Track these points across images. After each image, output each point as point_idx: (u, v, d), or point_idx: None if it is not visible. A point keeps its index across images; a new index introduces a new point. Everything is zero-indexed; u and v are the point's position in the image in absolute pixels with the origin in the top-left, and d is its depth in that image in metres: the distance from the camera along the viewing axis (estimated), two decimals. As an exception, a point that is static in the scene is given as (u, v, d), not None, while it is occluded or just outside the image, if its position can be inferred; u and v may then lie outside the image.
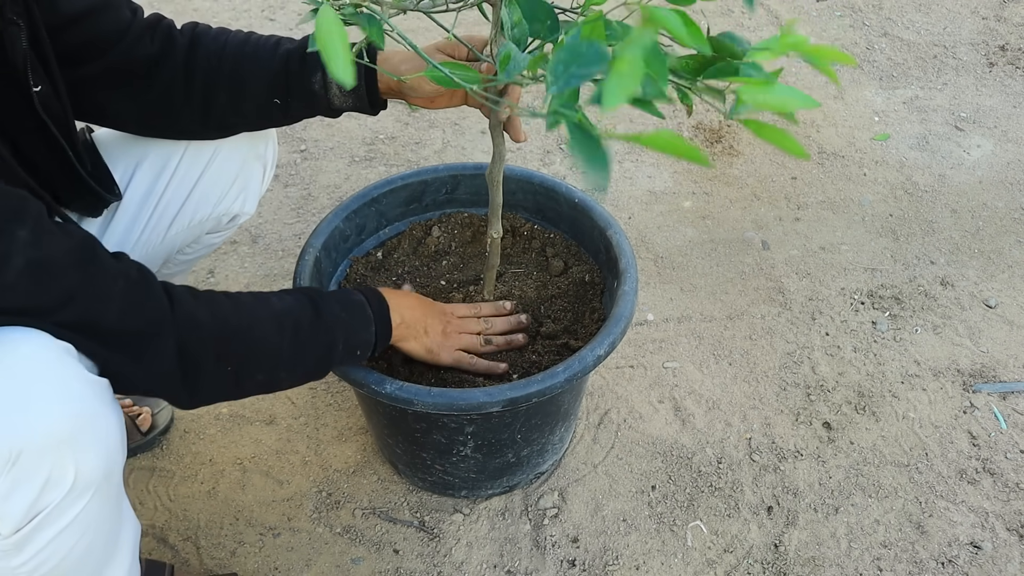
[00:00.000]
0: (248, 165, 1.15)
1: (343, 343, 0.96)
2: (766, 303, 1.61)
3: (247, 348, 0.89)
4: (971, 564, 1.22)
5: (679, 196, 1.85)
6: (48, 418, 0.74)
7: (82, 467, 0.78)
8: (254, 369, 0.90)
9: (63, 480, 0.77)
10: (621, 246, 1.17)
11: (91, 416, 0.78)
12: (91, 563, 0.87)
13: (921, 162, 1.95)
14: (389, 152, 1.96)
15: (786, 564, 1.22)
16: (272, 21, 2.40)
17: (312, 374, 0.97)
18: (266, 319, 0.91)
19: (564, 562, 1.22)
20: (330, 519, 1.27)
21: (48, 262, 0.73)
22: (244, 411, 1.41)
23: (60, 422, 0.75)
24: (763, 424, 1.40)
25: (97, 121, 1.04)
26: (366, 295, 1.01)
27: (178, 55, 0.99)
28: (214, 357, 0.86)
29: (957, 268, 1.69)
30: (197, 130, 1.07)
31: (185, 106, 1.01)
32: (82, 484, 0.78)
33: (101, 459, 0.80)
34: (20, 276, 0.71)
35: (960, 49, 2.31)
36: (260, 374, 0.91)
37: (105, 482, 0.82)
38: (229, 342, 0.87)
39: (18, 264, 0.71)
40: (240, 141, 1.13)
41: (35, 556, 0.79)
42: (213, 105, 1.02)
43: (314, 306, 0.94)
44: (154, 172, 1.10)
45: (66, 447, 0.76)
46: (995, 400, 1.45)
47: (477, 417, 1.08)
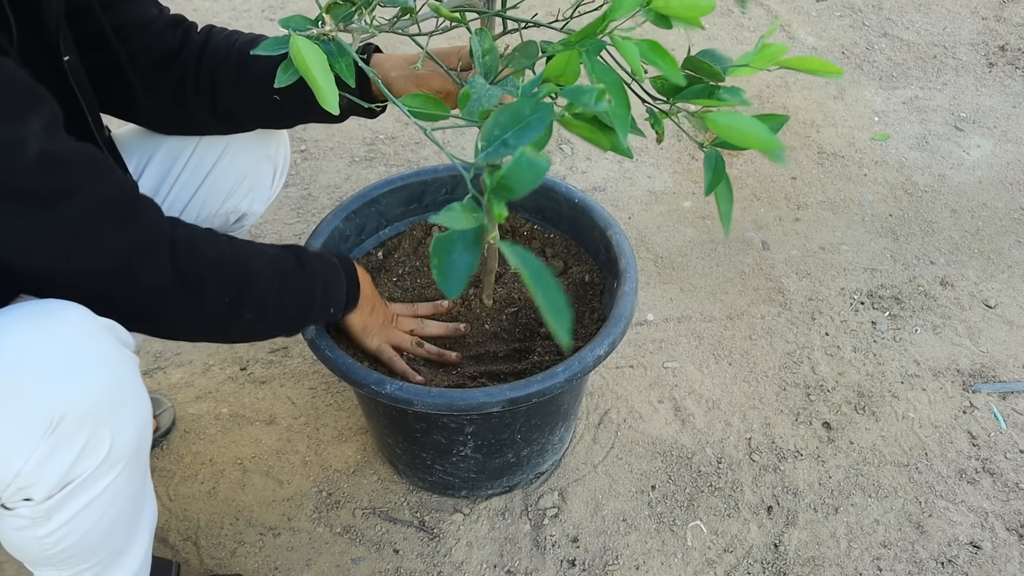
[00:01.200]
0: (258, 164, 1.17)
1: (320, 296, 0.99)
2: (766, 303, 1.61)
3: (241, 280, 0.90)
4: (971, 564, 1.23)
5: (679, 196, 1.85)
6: (91, 386, 0.77)
7: (117, 437, 0.80)
8: (246, 303, 0.91)
9: (99, 448, 0.79)
10: (621, 246, 1.17)
11: (129, 389, 0.82)
12: (113, 542, 0.89)
13: (921, 162, 1.95)
14: (389, 152, 1.96)
15: (786, 564, 1.22)
16: (272, 21, 2.41)
17: (291, 323, 1.00)
18: (259, 258, 0.93)
19: (564, 562, 1.22)
20: (330, 519, 1.27)
21: (59, 156, 0.74)
22: (244, 411, 1.41)
23: (102, 391, 0.78)
24: (763, 424, 1.40)
25: (117, 111, 1.06)
26: (339, 259, 1.04)
27: (193, 48, 1.03)
28: (211, 279, 0.87)
29: (957, 268, 1.69)
30: (208, 123, 1.10)
31: (196, 97, 1.04)
32: (115, 455, 0.81)
33: (135, 431, 0.83)
34: (34, 163, 0.72)
35: (960, 49, 2.31)
36: (249, 312, 0.91)
37: (135, 457, 0.85)
38: (226, 270, 0.88)
39: (32, 150, 0.72)
40: (251, 140, 1.15)
41: (62, 527, 0.82)
42: (220, 97, 1.05)
43: (296, 258, 0.97)
44: (167, 163, 1.13)
45: (105, 416, 0.78)
46: (995, 400, 1.45)
47: (477, 417, 1.08)
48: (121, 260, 0.80)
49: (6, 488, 0.77)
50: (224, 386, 1.45)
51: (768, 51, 0.70)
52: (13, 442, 0.74)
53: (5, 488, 0.77)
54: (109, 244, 0.79)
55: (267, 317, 0.94)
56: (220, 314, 0.89)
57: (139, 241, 0.81)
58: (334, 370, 1.03)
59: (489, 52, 0.73)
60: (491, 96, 0.67)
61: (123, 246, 0.79)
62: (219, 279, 0.87)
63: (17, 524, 0.81)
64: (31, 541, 0.83)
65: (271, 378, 1.46)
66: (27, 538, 0.83)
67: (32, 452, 0.75)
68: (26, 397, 0.74)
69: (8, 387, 0.74)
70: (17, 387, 0.74)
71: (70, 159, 0.76)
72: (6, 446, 0.74)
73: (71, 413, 0.76)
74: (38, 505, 0.79)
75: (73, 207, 0.75)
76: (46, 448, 0.75)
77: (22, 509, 0.80)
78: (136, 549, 0.94)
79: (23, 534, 0.82)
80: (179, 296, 0.84)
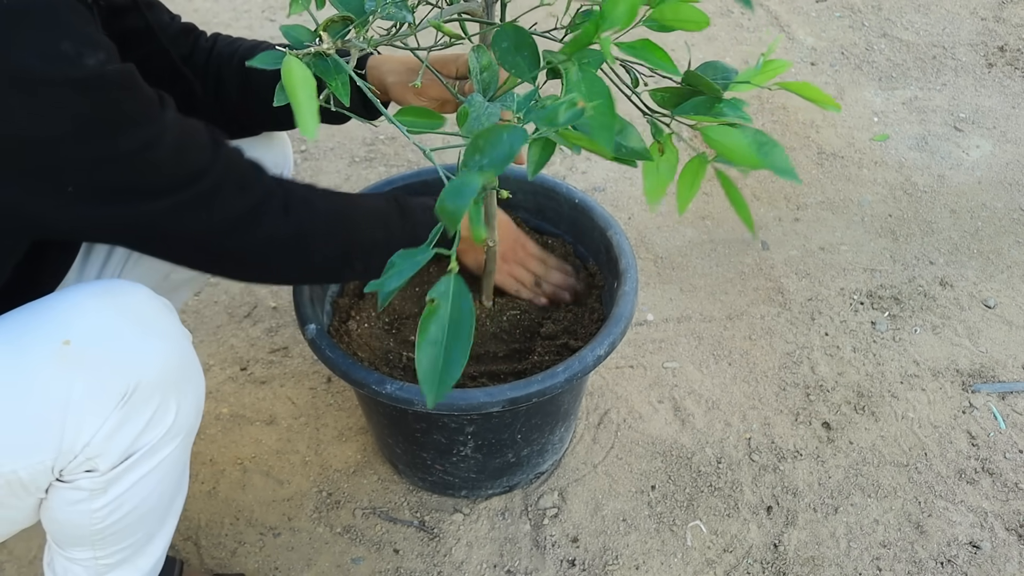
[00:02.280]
0: None
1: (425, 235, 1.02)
2: (766, 303, 1.61)
3: (350, 234, 0.96)
4: (970, 564, 1.23)
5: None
6: (162, 356, 0.81)
7: (182, 409, 0.84)
8: (355, 255, 0.96)
9: (165, 419, 0.82)
10: (621, 246, 1.17)
11: (192, 363, 0.86)
12: (151, 521, 0.92)
13: (920, 162, 1.95)
14: (389, 152, 1.96)
15: (785, 564, 1.22)
16: (272, 22, 2.41)
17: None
18: (364, 212, 0.98)
19: (564, 562, 1.22)
20: (330, 519, 1.27)
21: (188, 139, 0.80)
22: (244, 411, 1.41)
23: (171, 362, 0.82)
24: (762, 424, 1.40)
25: None
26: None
27: (201, 54, 1.06)
28: (321, 234, 0.92)
29: (956, 268, 1.69)
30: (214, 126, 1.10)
31: (202, 101, 1.06)
32: (177, 427, 0.84)
33: (196, 405, 0.87)
34: (172, 151, 0.77)
35: (959, 50, 2.31)
36: (359, 262, 0.97)
37: (190, 432, 0.88)
38: (335, 224, 0.94)
39: (169, 140, 0.77)
40: (256, 146, 1.16)
41: (117, 498, 0.84)
42: (225, 99, 1.06)
43: (399, 207, 1.01)
44: None
45: (173, 387, 0.82)
46: (994, 400, 1.45)
47: (477, 417, 1.08)
48: (239, 222, 0.84)
49: (72, 459, 0.78)
50: (224, 386, 1.45)
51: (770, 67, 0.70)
52: (88, 412, 0.76)
53: (72, 459, 0.78)
54: (232, 209, 0.83)
55: (374, 265, 0.97)
56: (330, 266, 0.97)
57: (255, 202, 0.85)
58: (334, 370, 1.03)
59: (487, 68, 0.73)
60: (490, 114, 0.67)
61: (242, 208, 0.84)
62: (329, 234, 0.93)
63: (73, 497, 0.82)
64: (83, 515, 0.84)
65: (271, 378, 1.46)
66: (80, 511, 0.83)
67: (105, 421, 0.77)
68: (103, 367, 0.77)
69: (84, 358, 0.76)
70: (93, 358, 0.77)
71: (194, 143, 0.80)
72: (81, 416, 0.76)
73: (144, 382, 0.78)
74: (101, 476, 0.80)
75: (202, 186, 0.80)
76: (118, 417, 0.78)
77: (82, 481, 0.81)
78: (164, 534, 0.96)
79: (77, 507, 0.83)
80: (293, 249, 0.90)
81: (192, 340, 0.87)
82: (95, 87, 0.71)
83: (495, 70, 0.73)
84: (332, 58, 0.69)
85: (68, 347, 0.76)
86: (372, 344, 1.16)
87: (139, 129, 0.74)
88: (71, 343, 0.76)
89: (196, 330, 1.53)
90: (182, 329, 0.86)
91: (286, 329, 1.54)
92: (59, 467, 0.79)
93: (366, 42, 0.70)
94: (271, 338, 1.53)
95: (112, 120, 0.73)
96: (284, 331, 1.54)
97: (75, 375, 0.76)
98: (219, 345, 1.51)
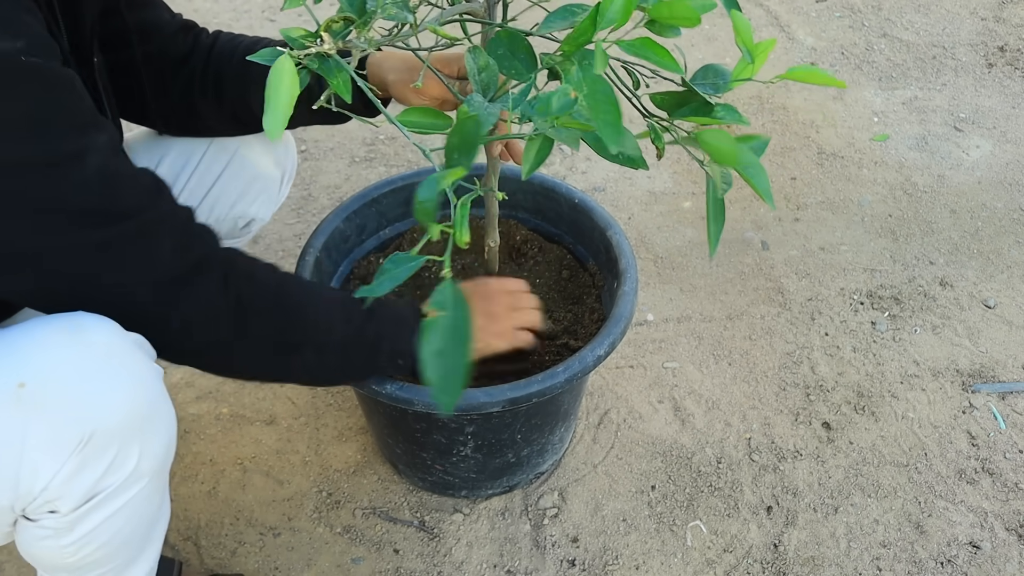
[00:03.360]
0: (266, 170, 1.18)
1: (388, 347, 0.94)
2: (766, 303, 1.61)
3: (297, 316, 0.87)
4: (970, 564, 1.23)
5: (679, 196, 1.86)
6: (122, 402, 0.76)
7: (145, 452, 0.80)
8: (301, 341, 0.87)
9: (127, 463, 0.79)
10: (621, 246, 1.17)
11: (158, 405, 0.81)
12: (130, 548, 0.90)
13: (920, 162, 1.95)
14: (389, 152, 1.96)
15: (785, 564, 1.22)
16: (272, 22, 2.41)
17: (355, 370, 0.96)
18: (322, 298, 0.90)
19: (564, 562, 1.22)
20: (330, 519, 1.27)
21: (120, 173, 0.74)
22: (244, 411, 1.41)
23: (132, 407, 0.77)
24: (762, 424, 1.40)
25: (127, 114, 1.07)
26: (413, 306, 0.99)
27: (202, 51, 1.05)
28: (265, 312, 0.84)
29: (956, 268, 1.69)
30: (215, 124, 1.10)
31: (203, 97, 1.05)
32: (142, 469, 0.81)
33: (162, 446, 0.82)
34: (96, 175, 0.71)
35: (959, 50, 2.31)
36: (308, 350, 0.88)
37: (160, 471, 0.85)
38: (282, 302, 0.86)
39: (96, 163, 0.71)
40: (259, 146, 1.16)
41: (84, 536, 0.81)
42: (225, 96, 1.05)
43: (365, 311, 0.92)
44: (176, 169, 1.13)
45: (135, 431, 0.78)
46: (994, 400, 1.45)
47: (477, 417, 1.08)
48: (169, 283, 0.78)
49: (32, 501, 0.76)
50: (224, 386, 1.45)
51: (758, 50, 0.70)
52: (43, 458, 0.74)
53: (31, 501, 0.76)
54: (160, 265, 0.77)
55: (326, 361, 0.91)
56: (272, 342, 0.86)
57: (191, 265, 0.79)
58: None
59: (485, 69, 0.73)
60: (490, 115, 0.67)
61: (174, 269, 0.78)
62: (273, 314, 0.85)
63: (40, 534, 0.81)
64: (52, 550, 0.82)
65: (271, 378, 1.46)
66: (48, 547, 0.82)
67: (61, 467, 0.74)
68: (58, 412, 0.73)
69: (40, 402, 0.73)
70: (49, 402, 0.73)
71: (128, 180, 0.75)
72: (36, 461, 0.74)
73: (102, 429, 0.75)
74: (63, 517, 0.78)
75: (128, 227, 0.74)
76: (75, 463, 0.75)
77: (46, 520, 0.79)
78: (149, 553, 0.94)
79: (44, 543, 0.82)
80: (229, 323, 0.82)
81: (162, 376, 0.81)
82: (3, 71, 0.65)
83: (493, 70, 0.73)
84: (333, 58, 0.69)
85: (23, 389, 0.72)
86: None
87: (59, 137, 0.68)
88: (26, 386, 0.72)
89: (196, 330, 1.53)
90: (151, 368, 0.80)
91: (286, 329, 1.54)
92: (19, 507, 0.77)
93: (367, 42, 0.70)
94: (271, 338, 1.53)
95: (23, 116, 0.66)
96: (284, 331, 1.54)
97: (29, 419, 0.72)
98: (219, 345, 1.51)
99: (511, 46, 0.71)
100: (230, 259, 0.83)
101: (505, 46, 0.71)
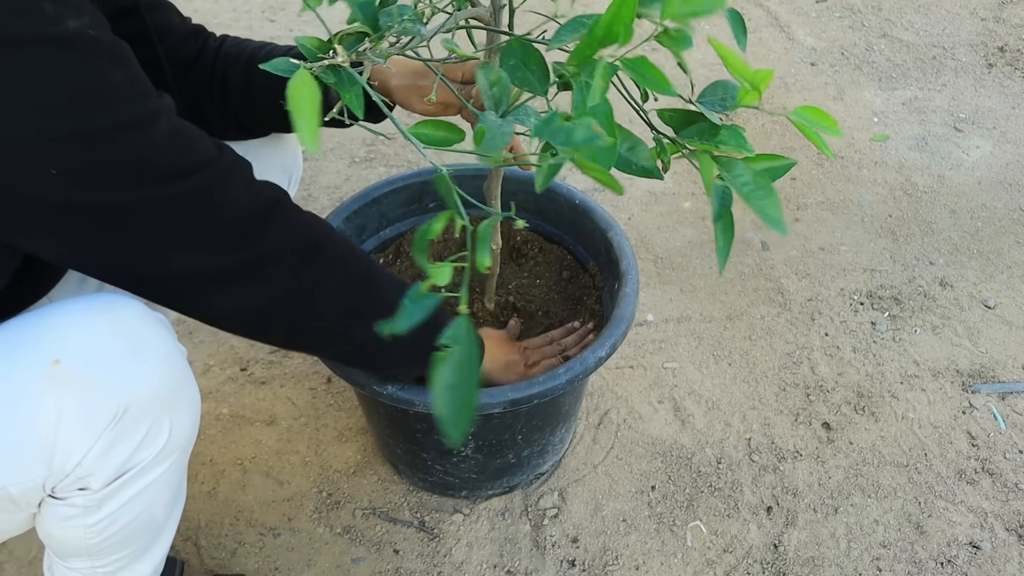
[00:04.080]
0: (272, 174, 1.18)
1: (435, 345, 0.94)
2: (766, 304, 1.61)
3: (367, 284, 0.87)
4: (970, 564, 1.23)
5: (679, 197, 1.86)
6: (154, 376, 0.79)
7: (175, 427, 0.82)
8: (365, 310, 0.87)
9: (158, 438, 0.81)
10: (622, 248, 1.17)
11: (186, 381, 0.84)
12: (149, 532, 0.91)
13: (920, 163, 1.95)
14: (389, 153, 1.96)
15: (785, 564, 1.22)
16: (272, 22, 2.41)
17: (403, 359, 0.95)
18: (386, 274, 0.91)
19: (564, 562, 1.22)
20: (330, 519, 1.27)
21: (188, 132, 0.75)
22: (244, 411, 1.41)
23: (163, 381, 0.80)
24: (762, 424, 1.40)
25: None
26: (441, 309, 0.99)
27: (209, 54, 1.05)
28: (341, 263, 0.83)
29: (956, 269, 1.69)
30: (220, 128, 1.10)
31: (209, 100, 1.06)
32: (172, 445, 0.83)
33: (190, 422, 0.85)
34: (167, 135, 0.72)
35: (959, 50, 2.31)
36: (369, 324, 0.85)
37: (186, 449, 0.87)
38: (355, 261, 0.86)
39: (165, 125, 0.72)
40: (266, 150, 1.16)
41: (111, 514, 0.83)
42: (230, 99, 1.06)
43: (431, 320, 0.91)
44: None
45: (166, 407, 0.80)
46: (994, 400, 1.45)
47: (478, 418, 1.08)
48: (247, 222, 0.78)
49: (64, 478, 0.78)
50: (224, 386, 1.45)
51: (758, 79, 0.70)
52: (78, 433, 0.75)
53: (63, 478, 0.78)
54: (238, 206, 0.77)
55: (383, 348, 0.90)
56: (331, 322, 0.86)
57: (264, 207, 0.79)
58: (335, 370, 1.03)
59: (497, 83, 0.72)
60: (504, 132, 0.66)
61: (250, 209, 0.78)
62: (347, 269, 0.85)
63: (66, 513, 0.82)
64: (78, 530, 0.83)
65: (271, 378, 1.46)
66: (74, 527, 0.83)
67: (95, 441, 0.76)
68: (93, 388, 0.75)
69: (75, 378, 0.75)
70: (84, 378, 0.75)
71: (195, 134, 0.76)
72: (70, 438, 0.75)
73: (136, 403, 0.77)
74: (94, 494, 0.80)
75: (205, 177, 0.74)
76: (110, 438, 0.77)
77: (75, 498, 0.80)
78: (164, 541, 0.96)
79: (71, 523, 0.83)
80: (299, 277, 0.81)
81: (187, 353, 0.84)
82: (78, 49, 0.66)
83: (505, 84, 0.72)
84: (346, 70, 0.69)
85: (58, 366, 0.74)
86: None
87: (130, 104, 0.69)
88: (61, 362, 0.74)
89: (196, 330, 1.53)
90: (176, 346, 0.83)
91: (286, 329, 1.54)
92: (50, 485, 0.78)
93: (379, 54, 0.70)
94: (271, 338, 1.53)
95: (98, 89, 0.68)
96: (284, 331, 1.54)
97: (65, 395, 0.74)
98: (219, 345, 1.51)
99: (523, 56, 0.71)
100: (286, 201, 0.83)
101: (517, 57, 0.71)
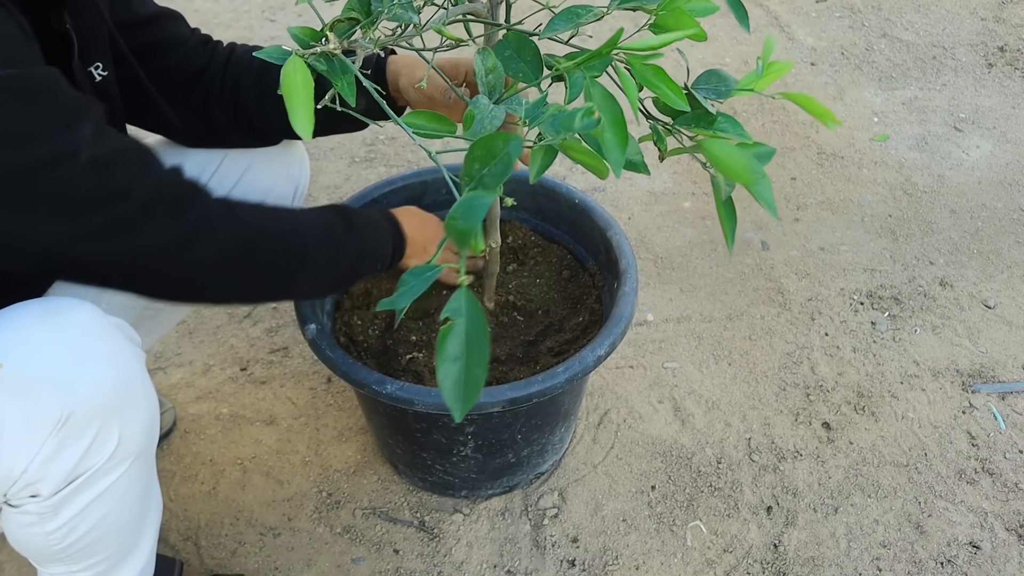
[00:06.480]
0: (279, 182, 1.18)
1: (369, 254, 0.97)
2: (766, 303, 1.61)
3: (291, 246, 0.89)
4: (970, 564, 1.23)
5: (679, 197, 1.86)
6: (100, 382, 0.78)
7: (126, 433, 0.82)
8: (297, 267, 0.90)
9: (107, 444, 0.80)
10: (621, 247, 1.17)
11: (138, 385, 0.83)
12: (122, 538, 0.90)
13: (920, 163, 1.95)
14: (389, 153, 1.96)
15: (785, 564, 1.22)
16: (272, 22, 2.41)
17: (340, 281, 0.99)
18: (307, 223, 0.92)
19: (564, 562, 1.22)
20: (330, 519, 1.27)
21: (109, 157, 0.74)
22: (244, 411, 1.41)
23: (110, 387, 0.79)
24: (762, 424, 1.40)
25: (146, 123, 1.08)
26: (383, 214, 1.03)
27: (219, 62, 1.06)
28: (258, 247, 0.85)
29: (956, 268, 1.69)
30: (231, 134, 1.11)
31: (220, 108, 1.06)
32: (124, 451, 0.82)
33: (143, 428, 0.84)
34: (85, 169, 0.72)
35: (959, 50, 2.31)
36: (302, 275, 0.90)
37: (143, 452, 0.86)
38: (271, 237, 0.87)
39: (84, 159, 0.72)
40: (274, 158, 1.17)
41: (70, 521, 0.82)
42: (241, 106, 1.06)
43: (343, 219, 0.94)
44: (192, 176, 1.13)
45: (114, 412, 0.80)
46: (994, 400, 1.45)
47: (477, 417, 1.08)
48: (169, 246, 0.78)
49: (12, 485, 0.78)
50: (224, 386, 1.45)
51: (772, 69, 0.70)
52: (21, 440, 0.75)
53: (11, 485, 0.78)
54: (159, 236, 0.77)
55: (321, 277, 0.93)
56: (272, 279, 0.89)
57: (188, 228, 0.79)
58: (334, 370, 1.03)
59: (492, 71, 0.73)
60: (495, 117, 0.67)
61: (172, 234, 0.78)
62: (266, 246, 0.87)
63: (24, 521, 0.82)
64: (39, 537, 0.83)
65: (271, 378, 1.46)
66: (35, 534, 0.83)
67: (39, 449, 0.76)
68: (35, 394, 0.75)
69: (17, 384, 0.74)
70: (26, 384, 0.75)
71: (119, 158, 0.75)
72: (14, 444, 0.75)
73: (80, 410, 0.76)
74: (45, 501, 0.80)
75: (126, 208, 0.75)
76: (53, 445, 0.76)
77: (29, 506, 0.80)
78: (144, 545, 0.95)
79: (31, 530, 0.83)
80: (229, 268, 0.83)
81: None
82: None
83: (500, 73, 0.73)
84: (338, 58, 0.69)
85: (1, 371, 0.74)
86: (372, 344, 1.16)
87: (44, 142, 0.69)
88: (4, 367, 0.74)
89: (196, 330, 1.53)
90: (131, 350, 0.82)
91: (286, 329, 1.54)
92: (0, 492, 0.78)
93: (372, 42, 0.70)
94: (271, 338, 1.53)
95: (9, 131, 0.67)
96: (284, 331, 1.54)
97: (7, 400, 0.74)
98: (219, 345, 1.51)
99: (518, 48, 0.71)
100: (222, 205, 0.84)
101: (512, 48, 0.71)
